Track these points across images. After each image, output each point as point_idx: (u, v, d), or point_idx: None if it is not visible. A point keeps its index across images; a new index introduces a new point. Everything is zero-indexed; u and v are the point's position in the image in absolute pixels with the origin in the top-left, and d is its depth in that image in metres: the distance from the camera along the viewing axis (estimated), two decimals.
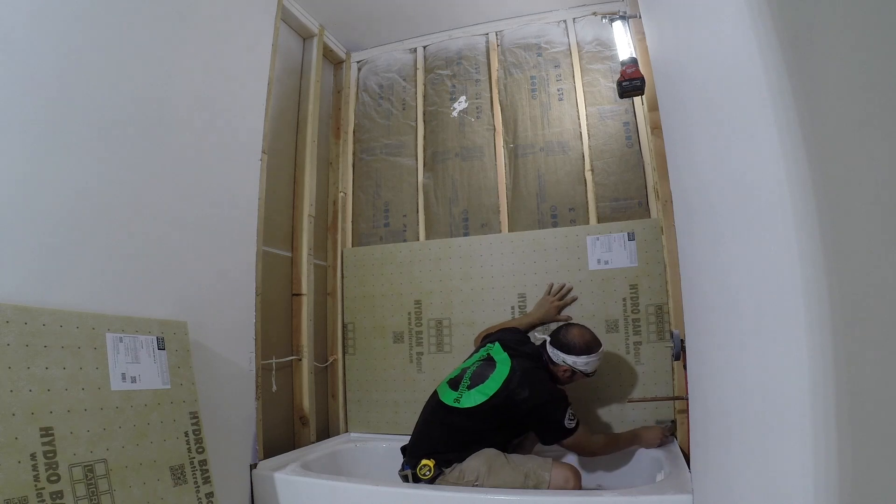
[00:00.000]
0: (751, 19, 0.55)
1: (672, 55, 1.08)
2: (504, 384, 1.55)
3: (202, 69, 1.57)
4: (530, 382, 1.55)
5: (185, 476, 1.20)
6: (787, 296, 0.53)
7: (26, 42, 1.08)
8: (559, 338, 1.64)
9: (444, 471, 1.51)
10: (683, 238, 1.19)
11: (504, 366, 1.60)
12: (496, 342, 1.72)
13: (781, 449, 0.58)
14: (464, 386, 1.60)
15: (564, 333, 1.64)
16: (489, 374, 1.59)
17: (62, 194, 1.14)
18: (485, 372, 1.61)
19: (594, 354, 1.61)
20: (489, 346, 1.72)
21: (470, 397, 1.57)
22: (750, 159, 0.62)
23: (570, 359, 1.60)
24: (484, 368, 1.63)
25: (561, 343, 1.62)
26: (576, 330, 1.65)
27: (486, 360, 1.66)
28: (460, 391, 1.60)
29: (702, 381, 1.07)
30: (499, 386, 1.55)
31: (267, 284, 1.82)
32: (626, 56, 1.84)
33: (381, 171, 2.39)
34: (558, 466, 1.49)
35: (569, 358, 1.60)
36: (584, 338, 1.62)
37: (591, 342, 1.62)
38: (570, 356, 1.60)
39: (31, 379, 0.98)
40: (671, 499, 1.24)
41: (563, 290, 2.00)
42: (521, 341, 1.76)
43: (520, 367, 1.58)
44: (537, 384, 1.56)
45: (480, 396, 1.55)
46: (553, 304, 1.96)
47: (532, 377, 1.57)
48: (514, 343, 1.72)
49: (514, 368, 1.57)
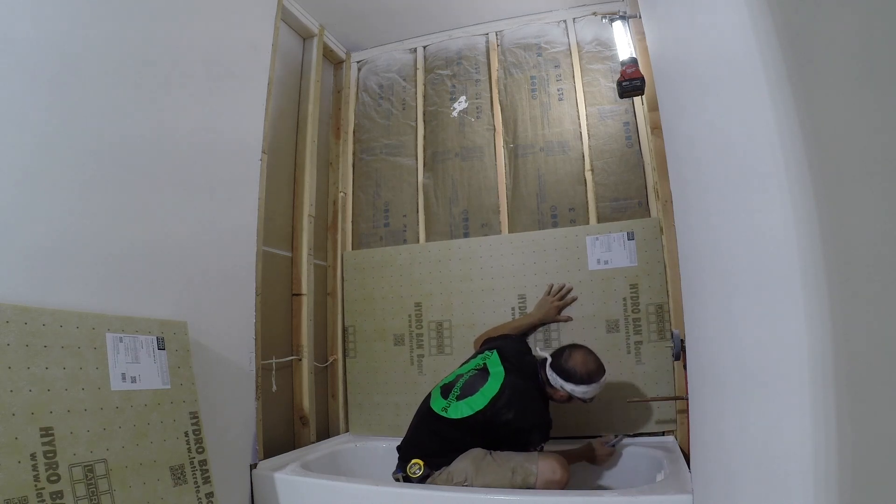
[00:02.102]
0: (750, 19, 0.56)
1: (672, 55, 1.08)
2: (491, 401, 1.52)
3: (202, 69, 1.57)
4: (517, 405, 1.51)
5: (185, 476, 1.20)
6: (787, 295, 0.53)
7: (27, 41, 1.08)
8: (560, 363, 1.57)
9: (433, 472, 1.52)
10: (683, 238, 1.19)
11: (495, 381, 1.56)
12: (494, 351, 1.67)
13: (781, 448, 0.58)
14: (453, 395, 1.58)
15: (567, 358, 1.57)
16: (479, 388, 1.56)
17: (62, 194, 1.14)
18: (475, 384, 1.58)
19: (595, 384, 1.54)
20: (486, 355, 1.68)
21: (457, 408, 1.55)
22: (750, 159, 0.62)
23: (569, 386, 1.54)
24: (476, 380, 1.59)
25: (562, 369, 1.56)
26: (579, 356, 1.56)
27: (480, 371, 1.62)
28: (449, 400, 1.58)
29: (701, 380, 1.07)
30: (486, 402, 1.52)
31: (267, 284, 1.82)
32: (626, 56, 1.84)
33: (381, 171, 2.39)
34: (544, 458, 1.48)
35: (567, 385, 1.54)
36: (587, 366, 1.54)
37: (594, 372, 1.54)
38: (568, 383, 1.54)
39: (31, 379, 0.98)
40: (671, 499, 1.24)
41: (562, 290, 1.99)
42: (520, 353, 1.70)
43: (510, 385, 1.54)
44: (525, 408, 1.52)
45: (467, 409, 1.53)
46: (553, 304, 1.96)
47: (520, 399, 1.53)
48: (513, 355, 1.67)
49: (505, 387, 1.53)
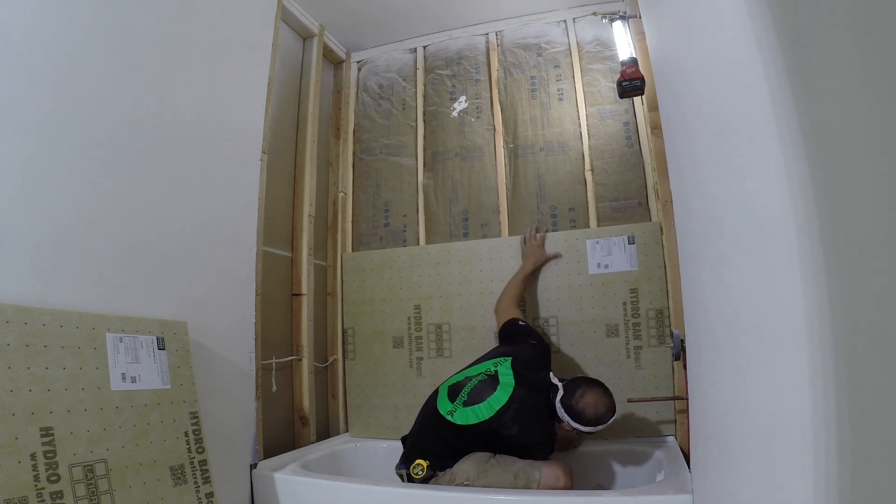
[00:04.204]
0: (750, 19, 0.56)
1: (672, 55, 1.08)
2: (497, 414, 1.49)
3: (202, 69, 1.57)
4: (522, 421, 1.48)
5: (185, 476, 1.20)
6: (787, 295, 0.53)
7: (27, 45, 1.08)
8: (571, 403, 1.48)
9: (437, 473, 1.51)
10: (683, 237, 1.19)
11: (504, 392, 1.52)
12: (509, 359, 1.62)
13: (781, 448, 0.58)
14: (460, 400, 1.56)
15: (578, 398, 1.48)
16: (487, 396, 1.53)
17: (62, 194, 1.14)
18: (484, 392, 1.54)
19: (603, 425, 1.48)
20: (500, 361, 1.63)
21: (463, 414, 1.52)
22: (749, 159, 0.62)
23: (576, 424, 1.48)
24: (485, 387, 1.55)
25: (572, 408, 1.48)
26: (591, 398, 1.48)
27: (491, 378, 1.58)
28: (455, 405, 1.55)
29: (702, 380, 1.07)
30: (492, 413, 1.49)
31: (267, 284, 1.82)
32: (626, 56, 1.84)
33: (381, 171, 2.39)
34: (549, 464, 1.47)
35: (574, 423, 1.48)
36: (597, 410, 1.47)
37: (604, 415, 1.47)
38: (575, 422, 1.48)
39: (31, 379, 0.98)
40: (671, 499, 1.24)
41: (534, 232, 2.04)
42: (535, 366, 1.63)
43: (519, 399, 1.50)
44: (530, 425, 1.50)
45: (472, 417, 1.51)
46: (536, 246, 2.00)
47: (527, 416, 1.49)
48: (527, 366, 1.61)
49: (513, 400, 1.50)
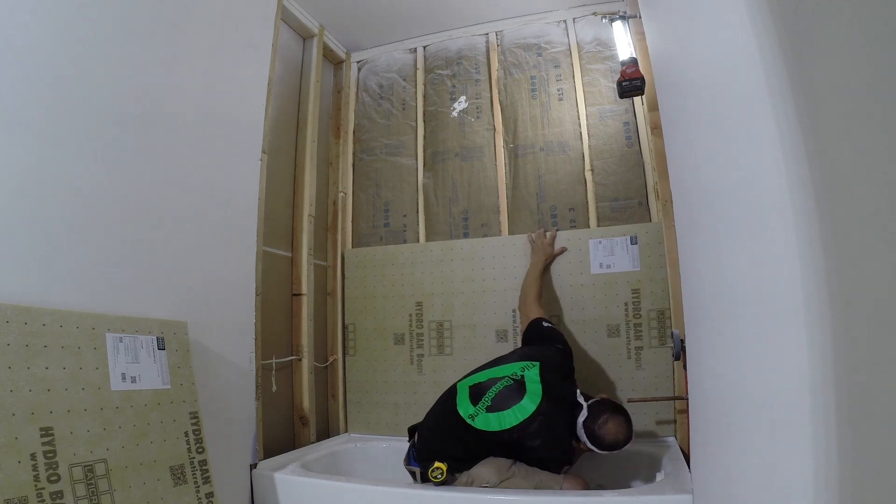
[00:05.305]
0: (750, 19, 0.56)
1: (672, 55, 1.08)
2: (521, 424, 1.45)
3: (202, 69, 1.57)
4: (546, 436, 1.46)
5: (185, 476, 1.20)
6: (787, 294, 0.53)
7: (26, 44, 1.08)
8: (594, 427, 1.47)
9: (455, 476, 1.50)
10: (683, 237, 1.19)
11: (531, 402, 1.48)
12: (537, 364, 1.58)
13: (781, 447, 0.58)
14: (483, 405, 1.51)
15: (601, 424, 1.47)
16: (512, 405, 1.49)
17: (62, 194, 1.14)
18: (509, 399, 1.50)
19: (617, 450, 1.49)
20: (527, 365, 1.58)
21: (485, 420, 1.48)
22: (749, 159, 0.62)
23: (592, 447, 1.48)
24: (511, 393, 1.52)
25: (593, 434, 1.47)
26: (612, 427, 1.47)
27: (517, 384, 1.53)
28: (478, 409, 1.51)
29: (702, 380, 1.07)
30: (515, 423, 1.46)
31: (267, 284, 1.82)
32: (626, 56, 1.84)
33: (381, 171, 2.39)
34: (570, 479, 1.45)
35: (591, 446, 1.48)
36: (617, 438, 1.47)
37: (622, 442, 1.48)
38: (593, 446, 1.47)
39: (31, 379, 0.98)
40: (671, 499, 1.24)
41: (542, 233, 2.05)
42: (563, 375, 1.61)
43: (545, 413, 1.47)
44: (553, 441, 1.47)
45: (496, 424, 1.47)
46: (545, 243, 2.01)
47: (551, 431, 1.47)
48: (555, 374, 1.58)
49: (539, 412, 1.46)
